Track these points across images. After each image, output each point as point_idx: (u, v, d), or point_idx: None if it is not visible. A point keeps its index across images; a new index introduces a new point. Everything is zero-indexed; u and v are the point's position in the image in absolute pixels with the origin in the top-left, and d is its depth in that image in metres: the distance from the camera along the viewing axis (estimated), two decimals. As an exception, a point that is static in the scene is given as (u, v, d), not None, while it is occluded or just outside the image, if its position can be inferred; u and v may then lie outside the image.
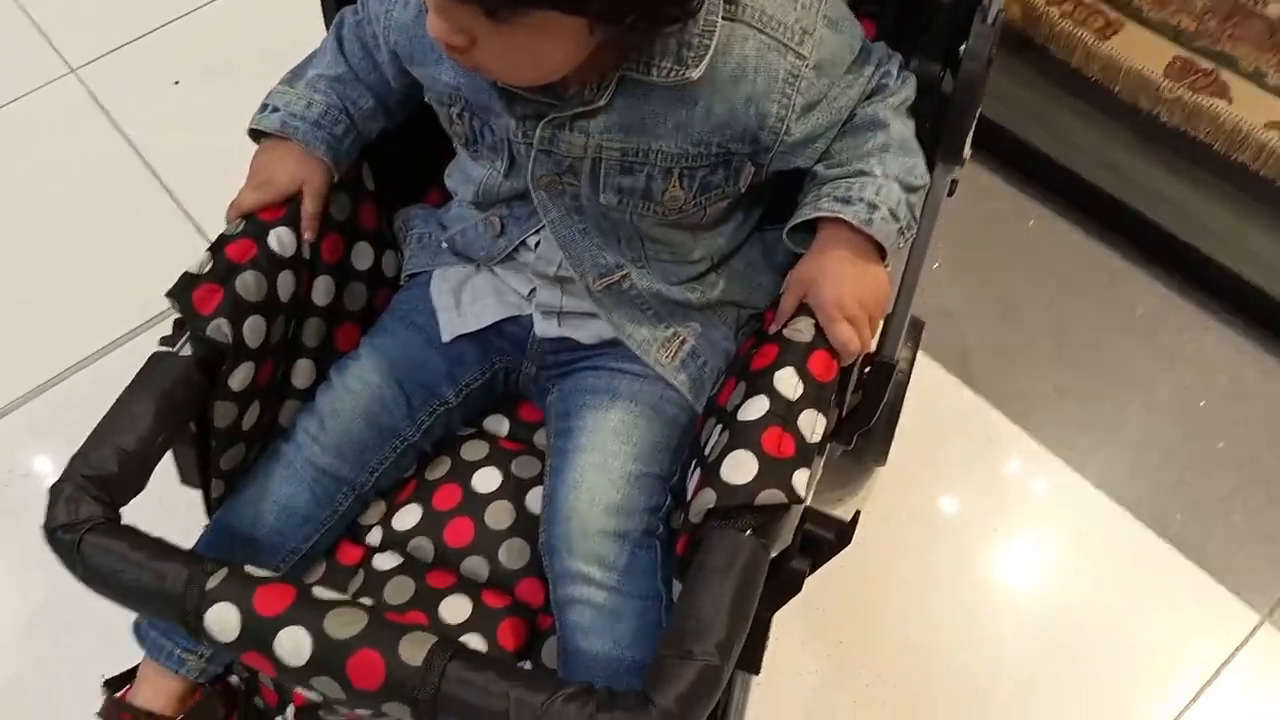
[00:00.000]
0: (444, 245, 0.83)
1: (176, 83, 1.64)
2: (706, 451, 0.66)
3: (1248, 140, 1.30)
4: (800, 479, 0.60)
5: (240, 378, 0.73)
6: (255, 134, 0.78)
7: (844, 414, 0.86)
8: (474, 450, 0.84)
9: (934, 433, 1.24)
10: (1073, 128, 1.41)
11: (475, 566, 0.78)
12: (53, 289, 1.42)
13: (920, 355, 1.17)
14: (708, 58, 0.65)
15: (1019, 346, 1.33)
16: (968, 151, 0.76)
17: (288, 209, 0.76)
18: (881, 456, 1.17)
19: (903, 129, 0.72)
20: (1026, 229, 1.43)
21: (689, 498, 0.66)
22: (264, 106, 0.77)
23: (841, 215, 0.68)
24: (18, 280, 1.42)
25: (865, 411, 0.97)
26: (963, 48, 0.72)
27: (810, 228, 0.71)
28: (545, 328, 0.79)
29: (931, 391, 1.25)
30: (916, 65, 0.75)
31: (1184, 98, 1.33)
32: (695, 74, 0.65)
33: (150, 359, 0.69)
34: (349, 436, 0.78)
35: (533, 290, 0.79)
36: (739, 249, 0.79)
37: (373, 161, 0.84)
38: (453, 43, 0.60)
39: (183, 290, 0.70)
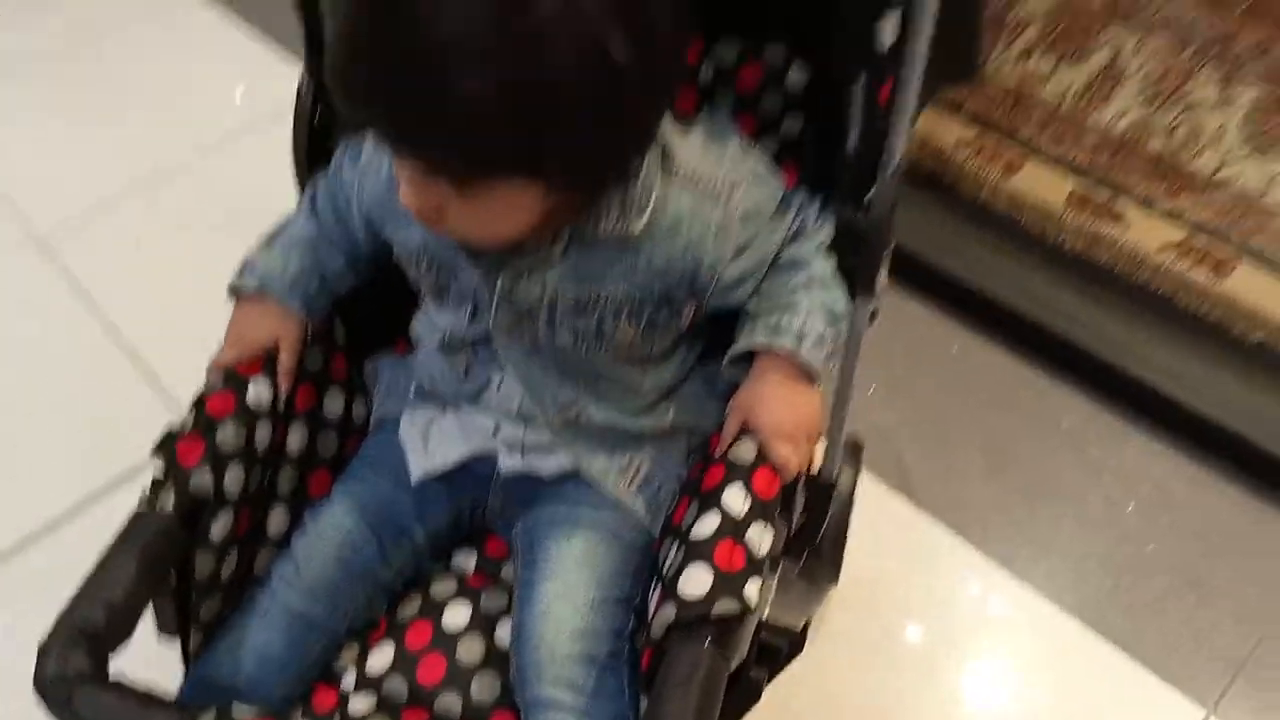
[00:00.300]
0: (411, 391, 0.88)
1: (138, 241, 1.71)
2: (665, 570, 0.71)
3: (1144, 263, 1.42)
4: (752, 589, 0.64)
5: (220, 527, 0.77)
6: (234, 292, 0.84)
7: (792, 531, 0.91)
8: (443, 587, 0.87)
9: (882, 549, 1.29)
10: (987, 257, 1.52)
11: (449, 703, 0.81)
12: (12, 450, 1.44)
13: (864, 475, 1.23)
14: (648, 213, 0.72)
15: (956, 464, 1.40)
16: (882, 284, 0.84)
17: (265, 363, 0.81)
18: (833, 575, 1.21)
19: (823, 266, 0.80)
20: (952, 353, 1.52)
21: (650, 616, 0.70)
22: (243, 268, 0.84)
23: (772, 346, 0.75)
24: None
25: (810, 529, 1.02)
26: (868, 196, 0.81)
27: (747, 359, 0.78)
28: (509, 463, 0.84)
29: (877, 510, 1.30)
30: (833, 208, 0.84)
31: (1084, 226, 1.46)
32: (637, 228, 0.72)
33: (133, 516, 0.72)
34: (323, 580, 0.81)
35: (497, 427, 0.84)
36: (685, 381, 0.85)
37: (343, 314, 0.90)
38: (425, 213, 0.67)
39: (166, 446, 0.74)
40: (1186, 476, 1.38)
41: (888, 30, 0.72)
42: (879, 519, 1.30)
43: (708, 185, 0.75)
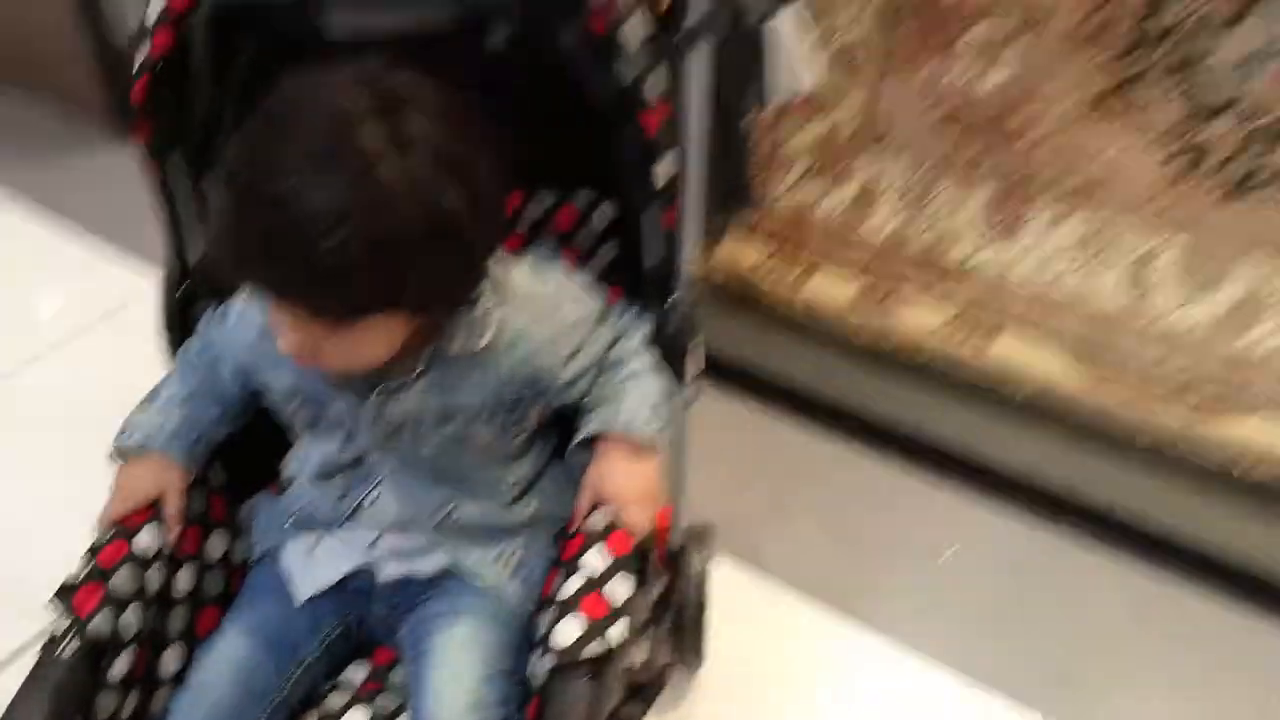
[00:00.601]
0: (289, 523, 0.96)
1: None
2: (542, 633, 0.81)
3: (922, 343, 1.65)
4: (615, 632, 0.75)
5: (119, 669, 0.82)
6: (119, 453, 0.91)
7: (654, 596, 1.01)
8: (338, 699, 0.93)
9: (743, 624, 1.40)
10: (799, 355, 1.73)
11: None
12: None
13: (722, 560, 1.35)
14: (490, 332, 0.85)
15: (798, 538, 1.54)
16: (694, 372, 0.99)
17: (151, 511, 0.88)
18: (696, 656, 1.30)
19: (644, 360, 0.94)
20: (790, 446, 1.69)
21: (529, 673, 0.79)
22: (123, 429, 0.91)
23: (609, 430, 0.88)
24: None
25: (669, 598, 1.12)
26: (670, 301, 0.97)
27: (589, 445, 0.91)
28: (389, 570, 0.92)
29: (733, 587, 1.42)
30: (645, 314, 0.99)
31: (869, 320, 1.68)
32: (482, 344, 0.85)
33: (38, 662, 0.77)
34: (221, 705, 0.86)
35: (376, 539, 0.93)
36: (543, 475, 0.97)
37: (219, 460, 0.98)
38: (303, 353, 0.77)
39: (63, 596, 0.80)
40: (989, 521, 1.58)
41: (662, 172, 0.89)
42: (739, 598, 1.42)
43: (538, 305, 0.89)
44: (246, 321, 0.90)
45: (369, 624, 0.95)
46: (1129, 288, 1.50)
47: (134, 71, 0.88)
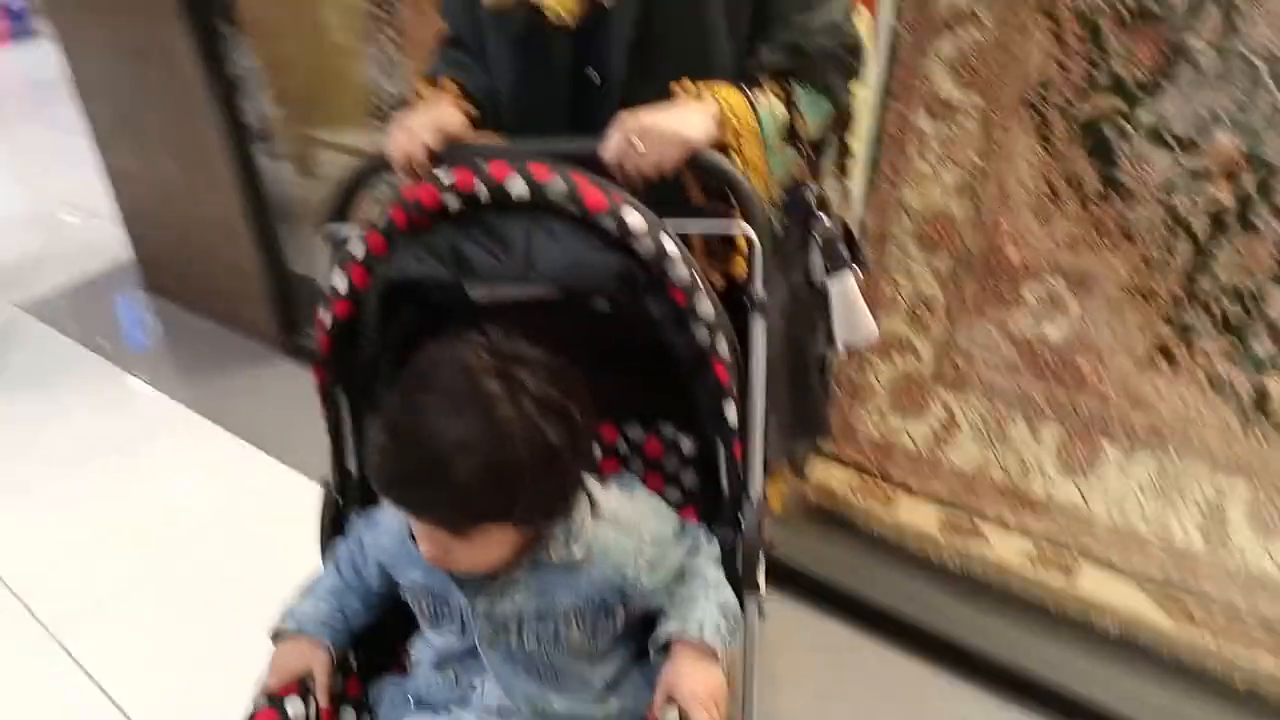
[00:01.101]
0: (410, 703, 1.12)
1: (150, 629, 1.93)
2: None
3: (1008, 571, 1.72)
4: None
5: None
6: (277, 635, 1.10)
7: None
8: None
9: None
10: (885, 576, 1.82)
11: None
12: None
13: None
14: (583, 544, 1.02)
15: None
16: (762, 588, 1.13)
17: (299, 686, 1.06)
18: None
19: (716, 574, 1.08)
20: (866, 658, 1.76)
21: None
22: (283, 615, 1.10)
23: (684, 635, 1.02)
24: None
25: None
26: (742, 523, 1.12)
27: (667, 649, 1.04)
28: None
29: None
30: (718, 533, 1.14)
31: (955, 544, 1.77)
32: (578, 555, 1.01)
33: None
34: None
35: None
36: (627, 675, 1.10)
37: (356, 647, 1.16)
38: (436, 555, 0.96)
39: None
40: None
41: (731, 411, 1.07)
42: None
43: (625, 522, 1.05)
44: (389, 528, 1.10)
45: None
46: (1203, 528, 1.56)
47: (317, 330, 1.13)
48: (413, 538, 0.99)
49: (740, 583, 1.10)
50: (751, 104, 1.13)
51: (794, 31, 1.16)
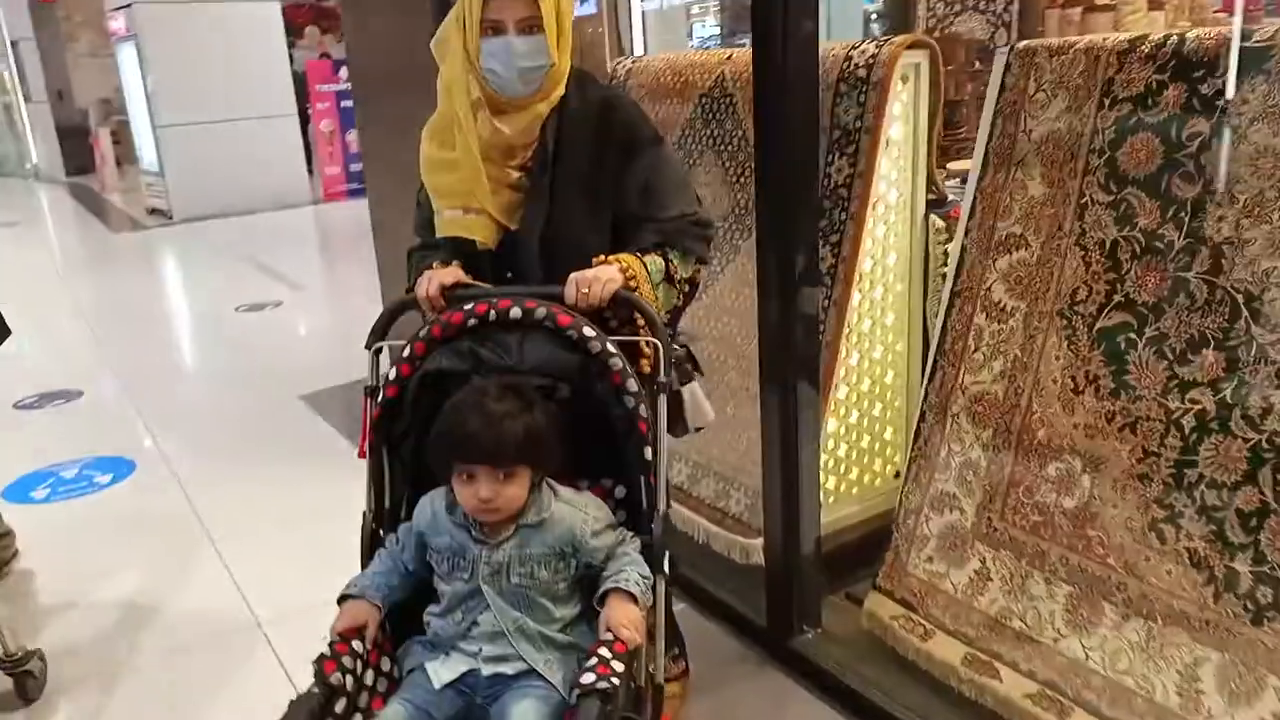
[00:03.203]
0: (429, 647, 1.56)
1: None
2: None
3: (1014, 706, 1.97)
4: (616, 680, 1.33)
5: (338, 709, 1.45)
6: (344, 597, 1.56)
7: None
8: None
9: None
10: (906, 693, 2.10)
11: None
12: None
13: None
14: (549, 511, 1.51)
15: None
16: (666, 570, 1.56)
17: (358, 630, 1.50)
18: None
19: (636, 555, 1.53)
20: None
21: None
22: (349, 584, 1.56)
23: (615, 584, 1.47)
24: None
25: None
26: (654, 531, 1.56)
27: (604, 600, 1.48)
28: (487, 670, 1.49)
29: None
30: (641, 536, 1.57)
31: (974, 679, 2.04)
32: (545, 517, 1.51)
33: (296, 699, 1.39)
34: None
35: (478, 650, 1.51)
36: (578, 624, 1.54)
37: (393, 614, 1.60)
38: (486, 498, 1.45)
39: (317, 664, 1.43)
40: None
41: (648, 453, 1.56)
42: None
43: (576, 503, 1.56)
44: (425, 513, 1.57)
45: (477, 702, 1.50)
46: (1180, 689, 1.77)
47: (370, 406, 1.64)
48: (447, 512, 1.53)
49: (652, 565, 1.55)
50: (643, 262, 1.71)
51: (658, 224, 1.76)
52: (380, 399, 1.63)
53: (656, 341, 1.62)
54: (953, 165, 2.79)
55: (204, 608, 2.75)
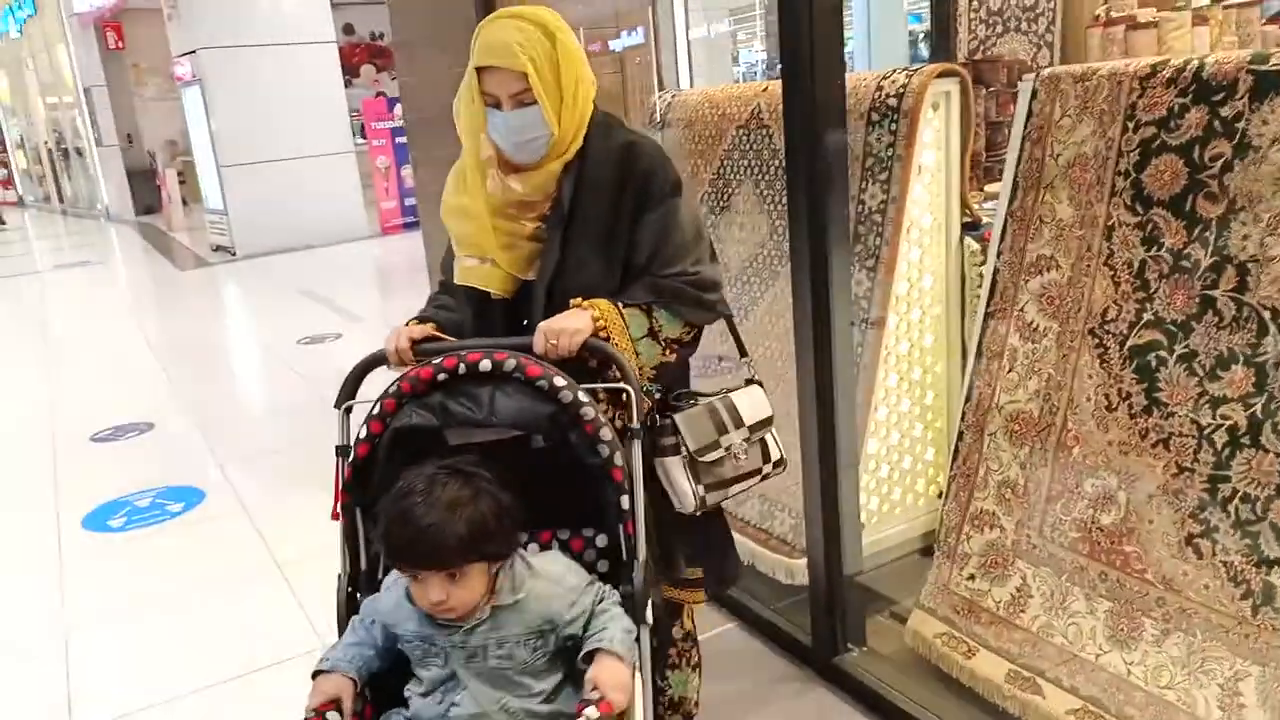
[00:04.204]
0: None
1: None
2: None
3: (1053, 721, 1.99)
4: None
5: None
6: (317, 671, 1.48)
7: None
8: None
9: None
10: (949, 711, 2.13)
11: None
12: None
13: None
14: (524, 590, 1.45)
15: None
16: (649, 620, 1.53)
17: (332, 705, 1.44)
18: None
19: (617, 610, 1.49)
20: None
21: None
22: (321, 660, 1.50)
23: (599, 645, 1.43)
24: None
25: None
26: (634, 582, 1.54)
27: (590, 659, 1.43)
28: None
29: None
30: (622, 587, 1.52)
31: (1017, 695, 2.07)
32: (520, 597, 1.45)
33: None
34: None
35: None
36: (561, 690, 1.49)
37: (370, 685, 1.53)
38: (437, 601, 1.38)
39: None
40: None
41: (625, 502, 1.53)
42: None
43: (551, 576, 1.50)
44: (388, 600, 1.51)
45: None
46: (1222, 703, 1.78)
47: (342, 466, 1.59)
48: (409, 601, 1.46)
49: (634, 615, 1.53)
50: (619, 311, 1.68)
51: (654, 280, 1.72)
52: (351, 459, 1.61)
53: (628, 389, 1.60)
54: (990, 187, 2.84)
55: (270, 632, 2.87)
